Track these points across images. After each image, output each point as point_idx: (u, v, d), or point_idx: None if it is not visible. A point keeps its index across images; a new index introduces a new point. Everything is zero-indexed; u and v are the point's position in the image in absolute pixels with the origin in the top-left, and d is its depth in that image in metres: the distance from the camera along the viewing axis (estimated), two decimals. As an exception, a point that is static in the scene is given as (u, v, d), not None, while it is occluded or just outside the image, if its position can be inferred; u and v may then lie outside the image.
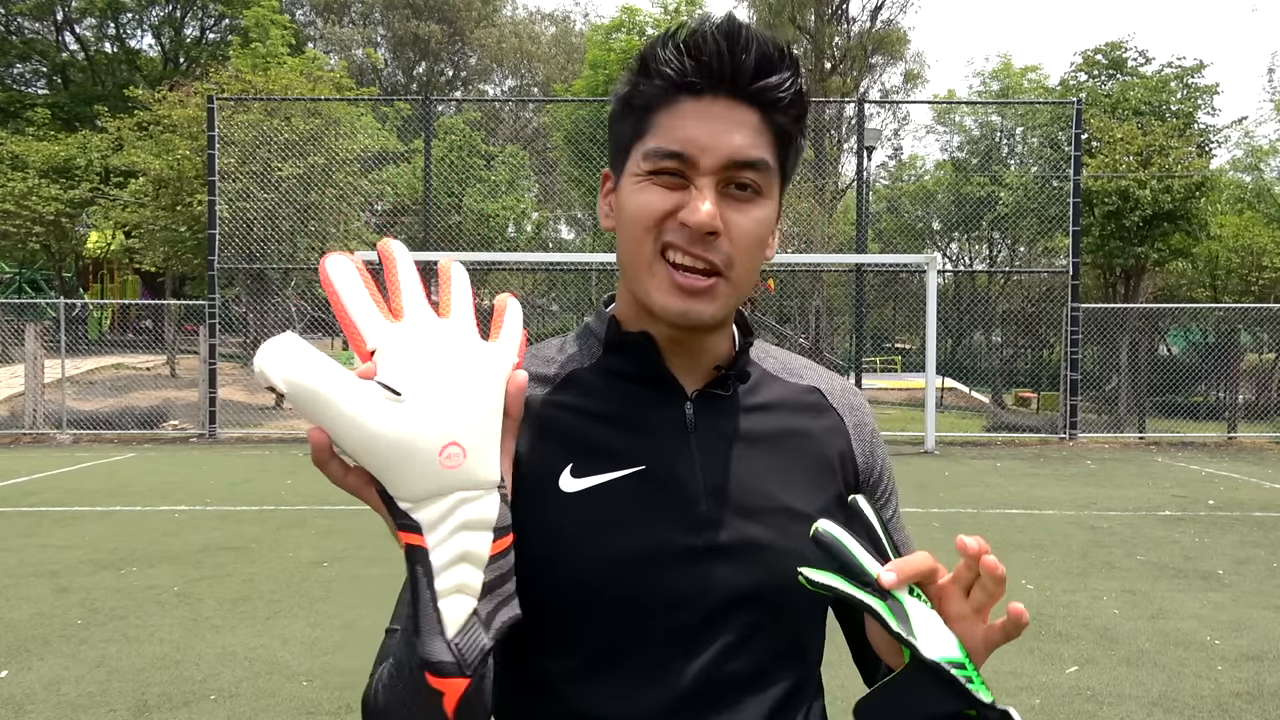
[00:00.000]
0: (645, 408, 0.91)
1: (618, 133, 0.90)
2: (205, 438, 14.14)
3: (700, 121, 0.83)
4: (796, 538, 0.89)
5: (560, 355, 0.95)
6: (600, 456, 0.88)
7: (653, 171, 0.84)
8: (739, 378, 0.94)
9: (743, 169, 0.84)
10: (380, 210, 21.35)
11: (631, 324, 0.92)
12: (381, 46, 36.23)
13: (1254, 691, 4.02)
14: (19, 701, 3.85)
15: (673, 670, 0.86)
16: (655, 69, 0.84)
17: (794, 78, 0.85)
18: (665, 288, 0.85)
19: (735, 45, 0.82)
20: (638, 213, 0.85)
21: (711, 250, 0.84)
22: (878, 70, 35.14)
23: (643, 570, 0.86)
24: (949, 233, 24.42)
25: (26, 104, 26.65)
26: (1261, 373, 18.33)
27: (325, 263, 0.67)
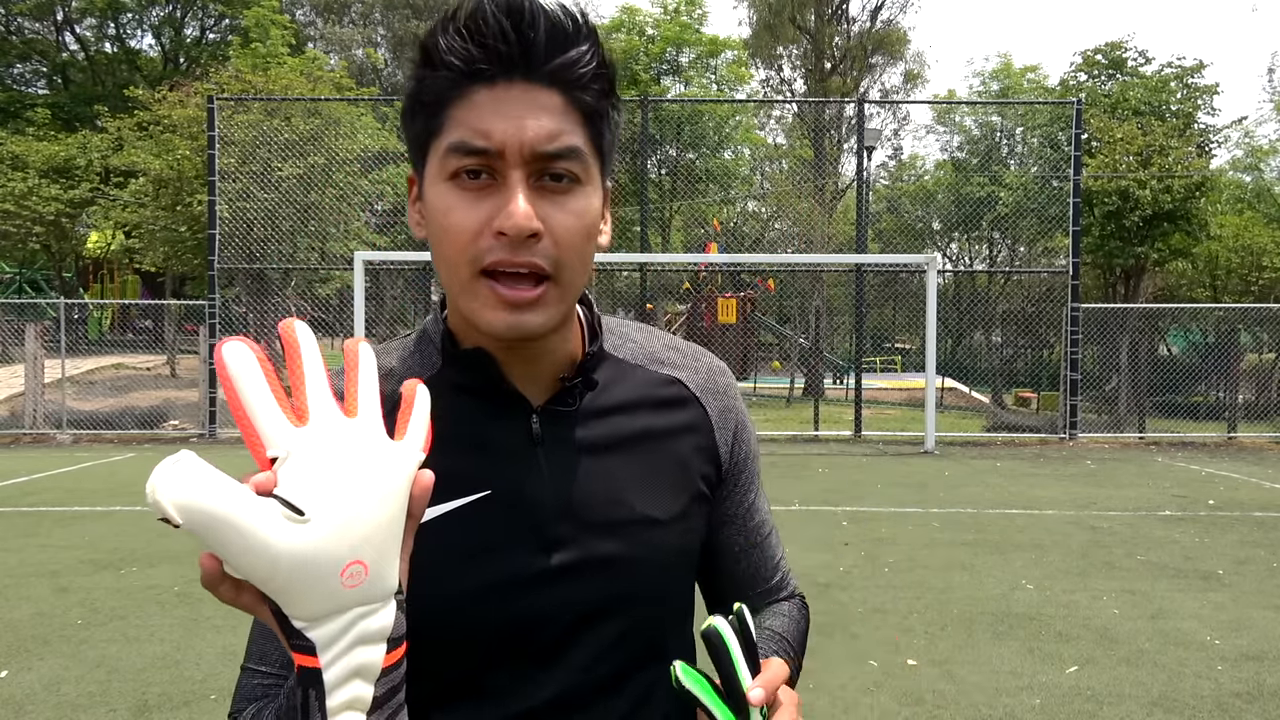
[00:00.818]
0: (488, 424, 0.85)
1: (412, 133, 0.81)
2: (205, 438, 14.15)
3: (497, 111, 0.75)
4: (653, 547, 0.88)
5: (400, 366, 0.87)
6: (443, 484, 0.78)
7: (455, 174, 0.77)
8: (586, 384, 0.88)
9: (553, 160, 0.76)
10: (380, 210, 21.35)
11: (466, 336, 0.85)
12: (381, 46, 36.26)
13: (1254, 691, 4.02)
14: (19, 701, 3.85)
15: (529, 686, 0.84)
16: (440, 58, 0.76)
17: (594, 49, 0.78)
18: (490, 304, 0.78)
19: (521, 22, 0.74)
20: (449, 231, 0.78)
21: (534, 254, 0.76)
22: (878, 70, 35.15)
23: (495, 600, 0.82)
24: (949, 233, 24.43)
25: (26, 104, 26.65)
26: (1261, 373, 18.33)
27: (221, 351, 0.61)
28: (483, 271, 0.77)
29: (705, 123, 20.88)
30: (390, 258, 15.76)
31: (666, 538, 0.89)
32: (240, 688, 0.84)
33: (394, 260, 16.02)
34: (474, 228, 0.77)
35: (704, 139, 21.08)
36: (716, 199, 21.96)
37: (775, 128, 32.38)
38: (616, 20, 22.14)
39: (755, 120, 28.77)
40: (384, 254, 16.19)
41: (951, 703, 3.88)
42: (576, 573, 0.85)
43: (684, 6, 22.67)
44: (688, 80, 24.09)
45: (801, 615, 1.04)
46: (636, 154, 17.16)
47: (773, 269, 19.60)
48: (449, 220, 0.78)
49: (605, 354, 0.92)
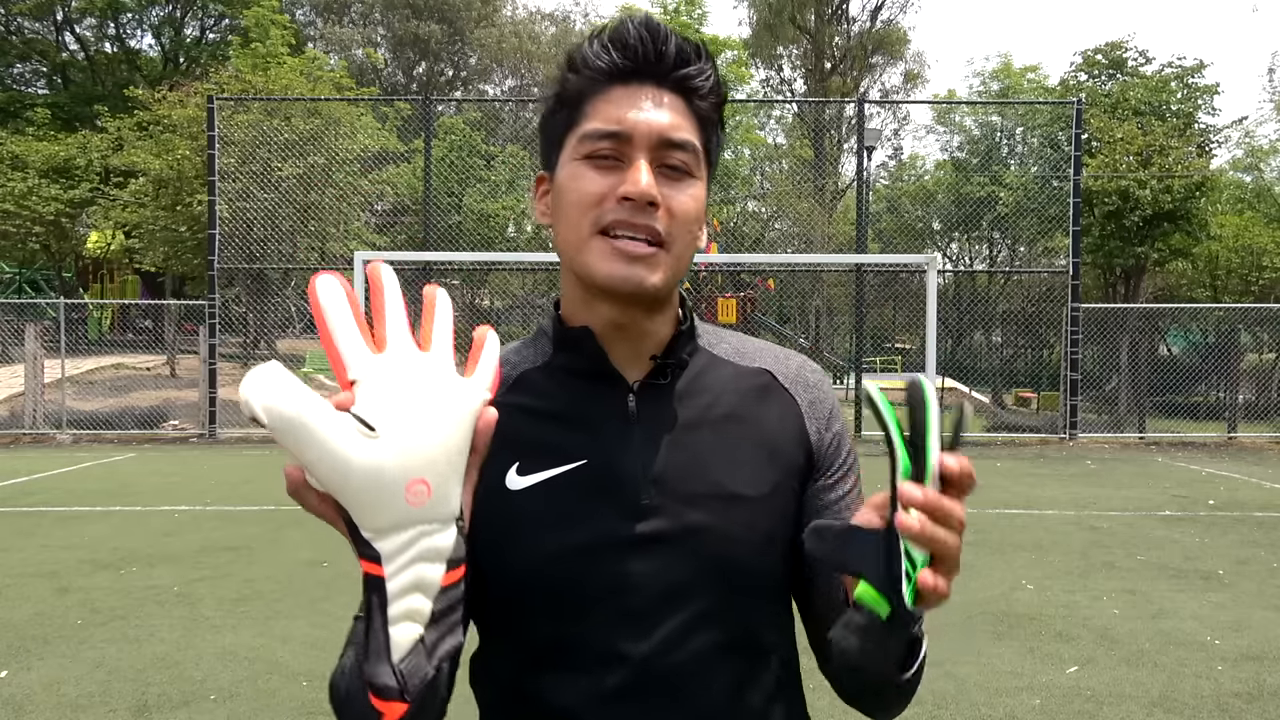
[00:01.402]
0: (589, 402, 0.94)
1: (550, 128, 0.95)
2: (205, 438, 14.14)
3: (631, 103, 0.89)
4: (739, 522, 0.92)
5: (515, 357, 0.99)
6: (545, 454, 0.92)
7: (589, 155, 0.89)
8: (679, 364, 0.96)
9: (673, 149, 0.89)
10: (380, 210, 21.36)
11: (575, 317, 0.96)
12: (381, 46, 36.21)
13: (1254, 691, 4.02)
14: (19, 701, 3.85)
15: (619, 657, 0.89)
16: (585, 64, 0.90)
17: (712, 70, 0.92)
18: (606, 255, 0.88)
19: (656, 37, 0.89)
20: (577, 195, 0.89)
21: (652, 219, 0.87)
22: (878, 70, 35.16)
23: (586, 561, 0.89)
24: (949, 233, 24.42)
25: (26, 104, 26.64)
26: (1261, 373, 18.33)
27: (315, 283, 0.68)
28: (602, 231, 0.88)
29: (705, 123, 20.87)
30: (390, 258, 15.75)
31: (753, 515, 0.93)
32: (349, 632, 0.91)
33: (394, 260, 16.01)
34: (600, 192, 0.88)
35: (704, 139, 21.06)
36: (716, 199, 21.95)
37: (775, 128, 32.37)
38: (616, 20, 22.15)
39: (755, 120, 28.76)
40: (384, 254, 16.20)
41: (951, 703, 3.88)
42: (664, 541, 0.90)
43: (684, 6, 22.68)
44: (688, 80, 24.05)
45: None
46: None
47: (773, 269, 19.59)
48: (577, 185, 0.90)
49: (700, 347, 1.00)
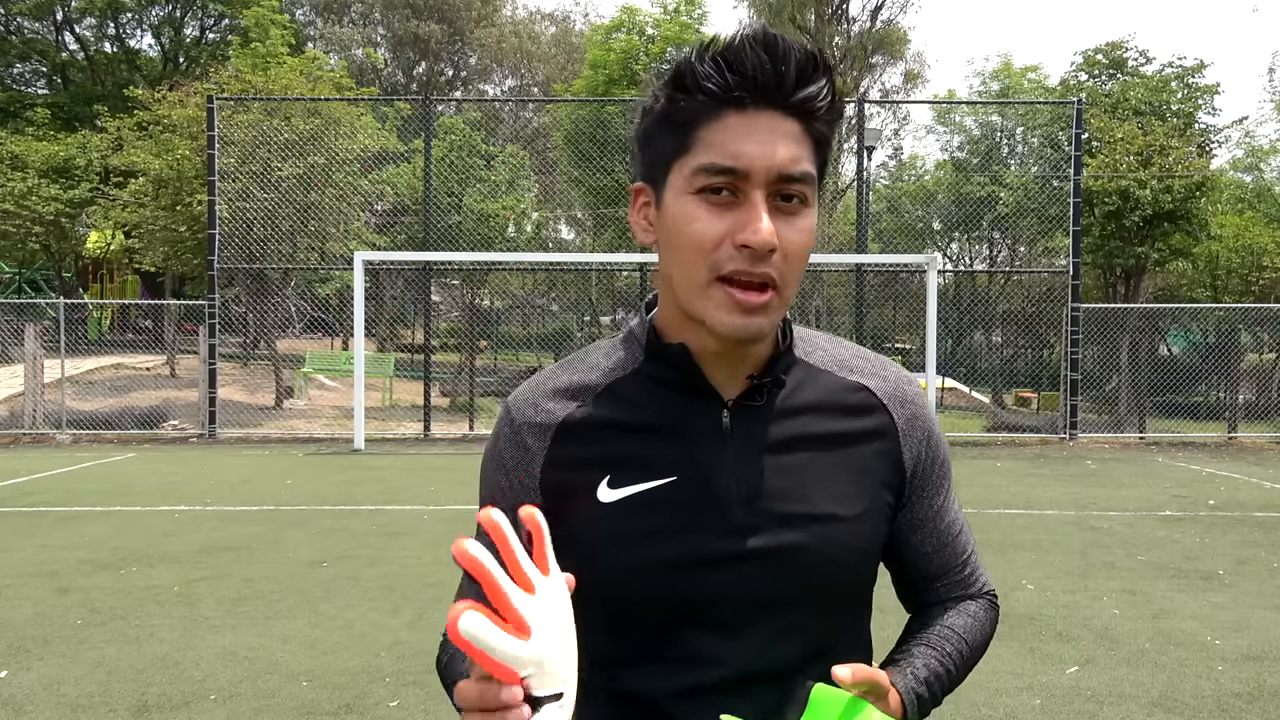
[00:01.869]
0: (683, 416, 0.94)
1: (656, 147, 0.90)
2: (205, 438, 14.14)
3: (748, 135, 0.84)
4: (832, 541, 0.93)
5: (606, 361, 0.99)
6: (636, 467, 0.92)
7: (701, 189, 0.86)
8: (775, 384, 0.95)
9: (791, 183, 0.86)
10: (380, 210, 21.35)
11: (672, 333, 0.95)
12: (381, 46, 36.19)
13: (1254, 692, 4.01)
14: (19, 701, 3.85)
15: (709, 658, 0.90)
16: (696, 83, 0.85)
17: (830, 84, 0.87)
18: (725, 306, 0.86)
19: (775, 57, 0.83)
20: (693, 238, 0.86)
21: (769, 266, 0.85)
22: (878, 70, 35.15)
23: (676, 577, 0.90)
24: (949, 233, 24.39)
25: (26, 104, 26.64)
26: (1262, 373, 18.32)
27: (464, 551, 0.67)
28: (719, 278, 0.86)
29: (705, 123, 20.84)
30: (390, 258, 15.77)
31: (846, 535, 0.94)
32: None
33: (394, 260, 16.03)
34: (716, 237, 0.85)
35: (704, 139, 21.04)
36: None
37: (775, 128, 32.28)
38: (616, 20, 22.10)
39: (755, 120, 28.63)
40: (384, 254, 16.21)
41: (951, 703, 3.88)
42: (755, 558, 0.91)
43: (684, 6, 22.64)
44: (688, 80, 24.02)
45: (987, 616, 1.07)
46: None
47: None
48: (693, 228, 0.86)
49: (795, 358, 0.99)
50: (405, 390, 18.88)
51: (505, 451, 0.98)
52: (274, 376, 17.53)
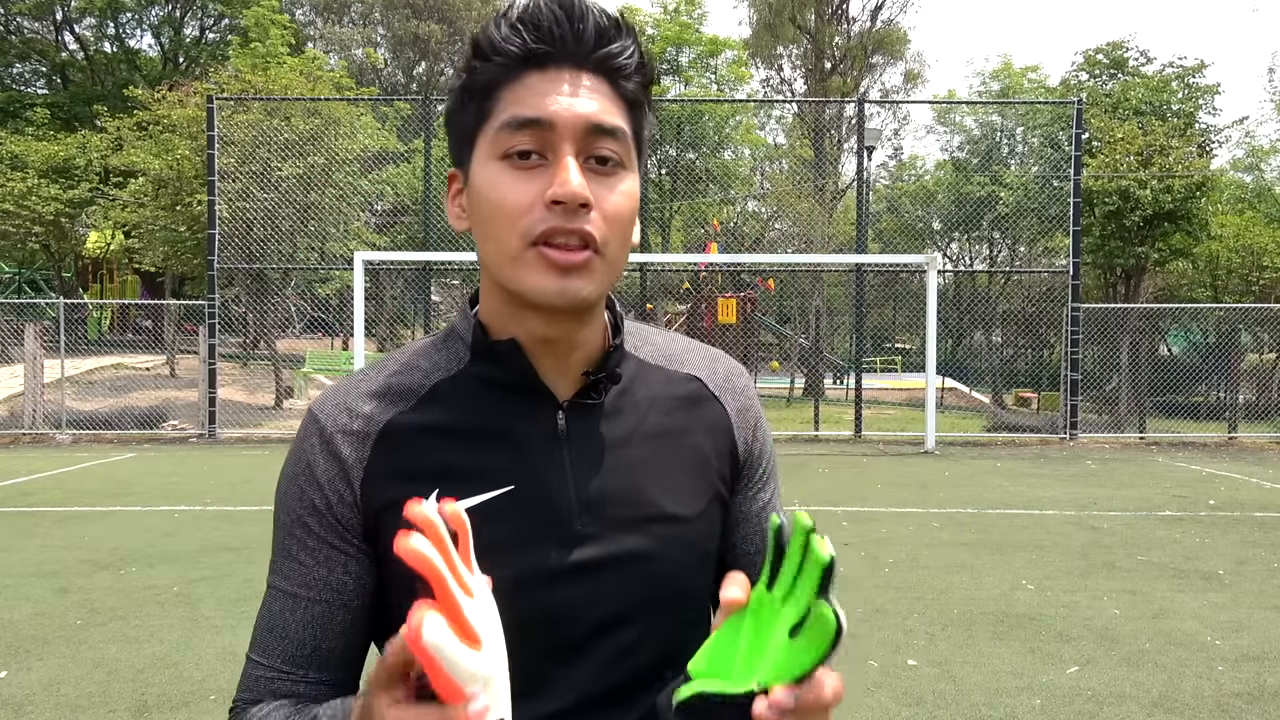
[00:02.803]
0: (514, 420, 0.87)
1: (459, 125, 0.85)
2: (205, 438, 14.14)
3: (552, 89, 0.80)
4: (676, 544, 0.88)
5: (425, 362, 0.90)
6: (466, 480, 0.83)
7: (507, 154, 0.80)
8: (610, 379, 0.90)
9: (602, 136, 0.80)
10: (380, 210, 21.35)
11: (499, 327, 0.87)
12: (381, 46, 36.20)
13: (1254, 692, 4.01)
14: (19, 702, 3.85)
15: (549, 685, 0.84)
16: (493, 47, 0.81)
17: (635, 45, 0.84)
18: (539, 269, 0.80)
19: (572, 15, 0.80)
20: (500, 205, 0.80)
21: (585, 222, 0.79)
22: (878, 70, 35.15)
23: (517, 595, 0.81)
24: (949, 233, 24.41)
25: (26, 104, 26.65)
26: (1262, 373, 18.33)
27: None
28: (532, 243, 0.80)
29: (705, 123, 20.89)
30: (390, 258, 15.77)
31: (689, 535, 0.90)
32: (245, 676, 0.88)
33: (394, 260, 16.03)
34: (526, 201, 0.80)
35: (704, 139, 21.08)
36: (716, 199, 21.96)
37: (775, 128, 32.37)
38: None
39: (755, 120, 28.75)
40: (384, 254, 16.20)
41: (951, 703, 3.88)
42: (600, 569, 0.85)
43: (684, 6, 22.67)
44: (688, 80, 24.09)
45: None
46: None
47: (773, 269, 19.59)
48: (499, 194, 0.81)
49: (626, 353, 0.93)
50: (405, 390, 18.85)
51: (317, 464, 0.87)
52: (274, 376, 17.53)
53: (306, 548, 0.86)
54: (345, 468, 0.86)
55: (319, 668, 0.86)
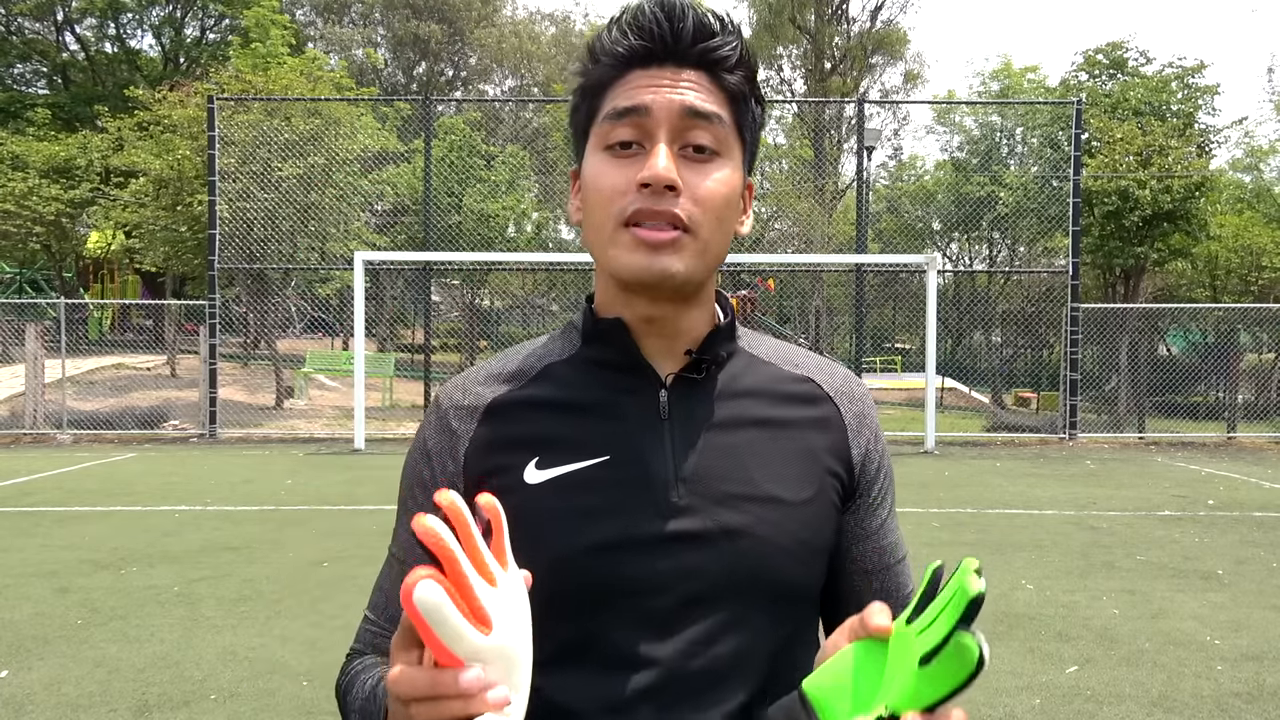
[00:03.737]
0: (618, 395, 0.90)
1: (575, 122, 0.92)
2: (205, 438, 14.14)
3: (651, 82, 0.85)
4: (774, 526, 0.87)
5: (541, 350, 0.96)
6: (566, 448, 0.87)
7: (609, 145, 0.86)
8: (714, 361, 0.92)
9: (697, 120, 0.84)
10: (380, 210, 21.35)
11: (606, 311, 0.92)
12: (381, 46, 36.20)
13: (1254, 691, 4.02)
14: (19, 701, 3.85)
15: (640, 660, 0.84)
16: (603, 50, 0.87)
17: (737, 40, 0.88)
18: (630, 247, 0.84)
19: (673, 16, 0.85)
20: (600, 191, 0.86)
21: (673, 204, 0.83)
22: (878, 70, 35.15)
23: (608, 559, 0.84)
24: (949, 233, 24.40)
25: (26, 104, 26.64)
26: (1261, 373, 18.33)
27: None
28: (624, 224, 0.85)
29: (705, 123, 20.87)
30: (390, 258, 15.77)
31: (791, 521, 0.88)
32: (359, 630, 0.99)
33: (394, 260, 16.03)
34: (621, 186, 0.85)
35: (704, 139, 21.07)
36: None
37: (775, 128, 32.38)
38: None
39: (755, 120, 28.66)
40: (384, 254, 16.20)
41: (951, 703, 3.87)
42: (693, 541, 0.85)
43: (684, 6, 22.65)
44: (688, 80, 24.04)
45: None
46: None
47: (773, 269, 19.60)
48: (600, 182, 0.86)
49: (738, 346, 0.96)
50: (405, 390, 18.90)
51: (430, 439, 0.93)
52: (274, 376, 17.54)
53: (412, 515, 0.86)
54: (454, 441, 0.92)
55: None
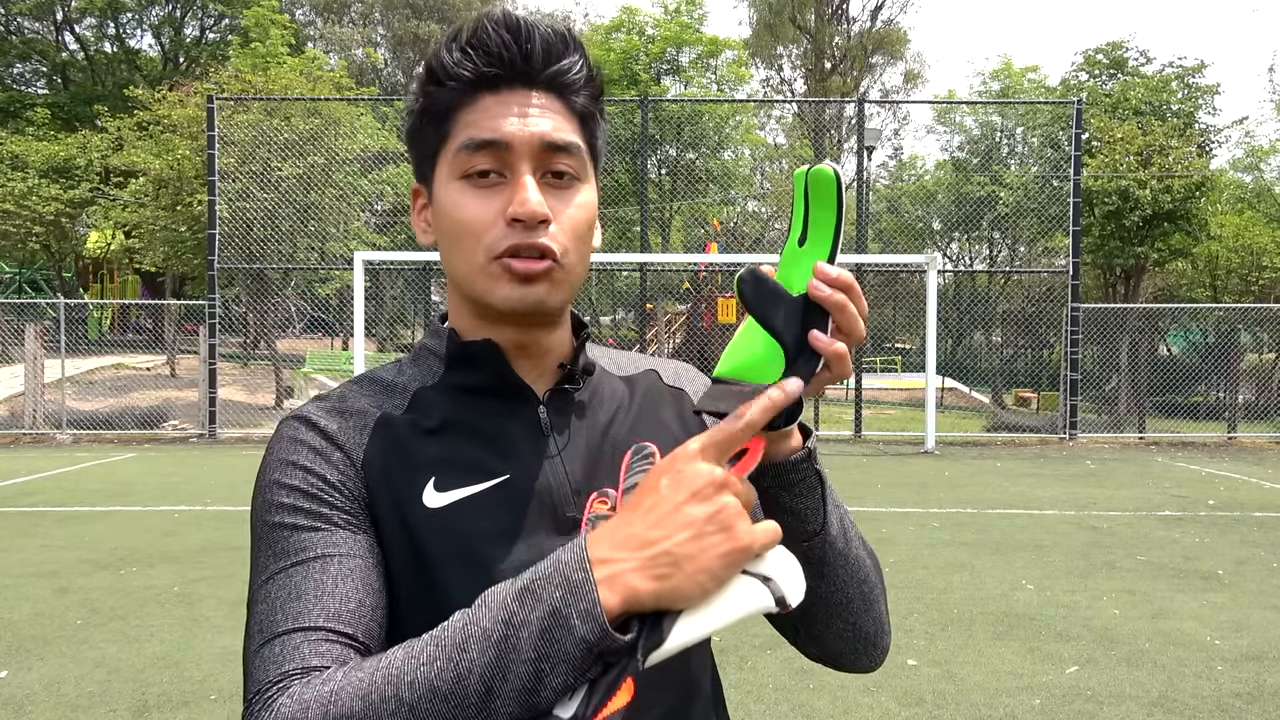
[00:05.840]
0: (498, 419, 0.88)
1: (420, 145, 0.89)
2: (205, 438, 14.14)
3: (506, 111, 0.83)
4: None
5: (400, 378, 0.91)
6: (463, 469, 0.84)
7: (467, 174, 0.84)
8: (585, 371, 0.94)
9: (558, 153, 0.84)
10: (380, 210, 21.34)
11: (471, 334, 0.90)
12: (381, 46, 36.21)
13: (1254, 692, 4.02)
14: (19, 701, 3.85)
15: None
16: (446, 73, 0.84)
17: (583, 59, 0.87)
18: (503, 279, 0.84)
19: (519, 36, 0.83)
20: (463, 222, 0.84)
21: (544, 236, 0.83)
22: (878, 70, 35.17)
23: None
24: (949, 233, 24.41)
25: (26, 104, 26.64)
26: (1261, 373, 18.33)
27: None
28: (495, 258, 0.84)
29: (705, 123, 20.87)
30: (390, 258, 15.77)
31: None
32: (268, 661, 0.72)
33: (394, 260, 16.03)
34: (488, 218, 0.83)
35: (704, 139, 21.06)
36: (716, 199, 21.95)
37: (775, 128, 32.37)
38: (616, 20, 22.10)
39: (755, 120, 28.76)
40: (384, 254, 16.20)
41: (951, 703, 3.88)
42: None
43: (684, 6, 22.64)
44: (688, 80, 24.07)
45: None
46: (636, 154, 17.16)
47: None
48: (463, 214, 0.84)
49: (589, 359, 0.97)
50: (405, 390, 18.85)
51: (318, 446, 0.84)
52: (274, 376, 17.54)
53: (320, 515, 0.80)
54: (346, 449, 0.84)
55: (368, 632, 0.76)
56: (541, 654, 0.63)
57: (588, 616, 0.62)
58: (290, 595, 0.75)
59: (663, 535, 0.64)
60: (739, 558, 0.64)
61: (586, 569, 0.64)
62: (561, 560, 0.65)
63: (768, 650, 4.40)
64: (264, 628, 0.74)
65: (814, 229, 0.75)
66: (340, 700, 0.65)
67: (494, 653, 0.63)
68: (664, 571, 0.63)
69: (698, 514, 0.64)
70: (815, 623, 0.89)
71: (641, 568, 0.64)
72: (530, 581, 0.65)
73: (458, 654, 0.64)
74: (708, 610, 0.64)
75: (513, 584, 0.66)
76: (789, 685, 4.01)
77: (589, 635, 0.62)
